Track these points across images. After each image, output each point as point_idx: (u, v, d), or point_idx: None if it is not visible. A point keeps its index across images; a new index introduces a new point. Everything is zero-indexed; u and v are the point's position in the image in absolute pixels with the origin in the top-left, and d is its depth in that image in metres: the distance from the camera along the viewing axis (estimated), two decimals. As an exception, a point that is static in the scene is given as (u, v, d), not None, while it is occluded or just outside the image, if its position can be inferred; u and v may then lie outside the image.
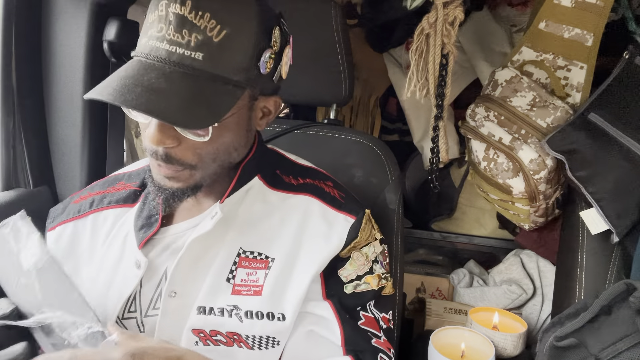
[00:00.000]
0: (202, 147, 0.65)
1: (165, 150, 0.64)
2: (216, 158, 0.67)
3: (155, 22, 0.61)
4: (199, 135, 0.63)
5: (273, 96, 0.72)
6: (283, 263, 0.71)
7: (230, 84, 0.62)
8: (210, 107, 0.60)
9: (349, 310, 0.72)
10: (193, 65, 0.60)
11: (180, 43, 0.59)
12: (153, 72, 0.59)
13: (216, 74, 0.61)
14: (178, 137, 0.63)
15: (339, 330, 0.70)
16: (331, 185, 0.80)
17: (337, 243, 0.72)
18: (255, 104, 0.69)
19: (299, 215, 0.74)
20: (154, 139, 0.62)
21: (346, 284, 0.73)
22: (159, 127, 0.62)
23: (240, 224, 0.73)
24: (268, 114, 0.73)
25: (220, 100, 0.61)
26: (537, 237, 1.30)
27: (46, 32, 1.01)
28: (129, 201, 0.80)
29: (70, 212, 0.81)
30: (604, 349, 0.70)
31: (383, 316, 0.75)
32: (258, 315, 0.68)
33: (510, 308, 1.29)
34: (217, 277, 0.70)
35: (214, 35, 0.59)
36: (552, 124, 1.00)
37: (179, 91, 0.59)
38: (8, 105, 0.97)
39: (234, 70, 0.62)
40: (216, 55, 0.60)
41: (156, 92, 0.58)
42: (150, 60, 0.61)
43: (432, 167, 1.09)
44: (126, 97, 0.57)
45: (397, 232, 0.98)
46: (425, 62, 0.95)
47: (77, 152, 1.04)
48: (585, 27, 1.01)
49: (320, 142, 1.04)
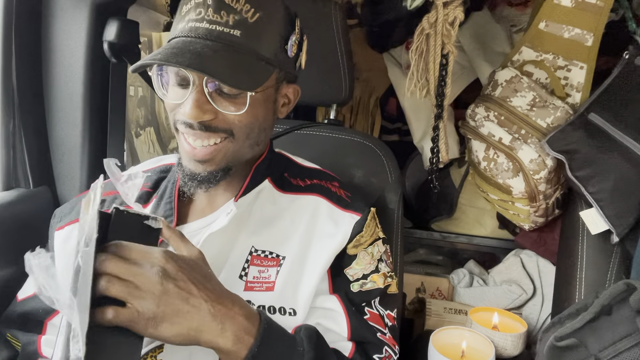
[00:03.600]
0: (240, 120, 0.68)
1: (202, 123, 0.66)
2: (250, 133, 0.70)
3: (193, 9, 0.66)
4: (236, 106, 0.67)
5: (293, 84, 0.77)
6: (294, 261, 0.73)
7: (264, 60, 0.68)
8: (251, 74, 0.65)
9: (355, 305, 0.74)
10: (232, 40, 0.65)
11: (219, 22, 0.65)
12: (198, 44, 0.64)
13: (252, 49, 0.66)
14: (214, 111, 0.66)
15: (346, 321, 0.72)
16: (337, 186, 0.82)
17: (342, 238, 0.74)
18: (280, 87, 0.74)
19: (307, 215, 0.77)
20: (192, 114, 0.65)
21: (352, 282, 0.74)
22: (195, 103, 0.65)
23: (252, 224, 0.75)
24: (288, 102, 0.78)
25: (256, 71, 0.66)
26: (537, 237, 1.30)
27: (46, 32, 1.01)
28: (140, 202, 0.80)
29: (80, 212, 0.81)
30: (604, 349, 0.70)
31: (388, 313, 0.77)
32: (271, 310, 0.69)
33: (510, 308, 1.29)
34: (230, 274, 0.71)
35: (249, 17, 0.66)
36: (552, 124, 1.00)
37: (223, 57, 0.63)
38: (8, 105, 0.97)
39: (267, 49, 0.68)
40: (252, 33, 0.66)
41: (204, 57, 0.62)
42: (191, 37, 0.65)
43: (432, 167, 1.09)
44: (178, 59, 0.61)
45: (397, 232, 0.98)
46: (425, 62, 0.95)
47: (77, 152, 1.04)
48: (585, 27, 1.01)
49: (320, 142, 1.04)
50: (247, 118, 0.68)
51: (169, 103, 0.70)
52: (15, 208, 0.95)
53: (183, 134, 0.69)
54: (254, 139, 0.72)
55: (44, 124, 1.05)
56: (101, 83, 1.06)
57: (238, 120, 0.68)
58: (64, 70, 1.02)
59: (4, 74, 0.95)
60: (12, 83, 0.97)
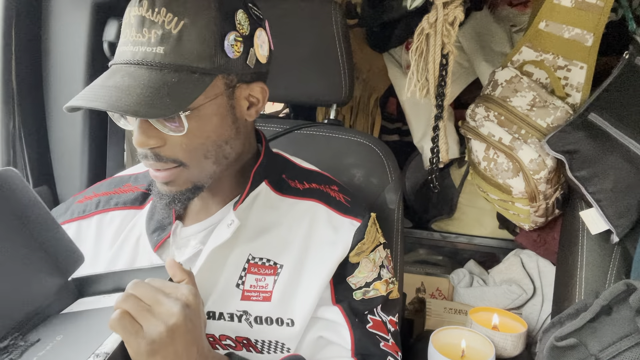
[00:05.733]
0: (188, 143, 0.64)
1: (152, 150, 0.64)
2: (207, 153, 0.67)
3: (122, 31, 0.64)
4: (176, 129, 0.63)
5: (257, 83, 0.70)
6: (292, 270, 0.71)
7: (197, 72, 0.62)
8: (175, 96, 0.60)
9: (358, 314, 0.73)
10: (155, 60, 0.61)
11: (142, 42, 0.61)
12: (119, 74, 0.61)
13: (180, 64, 0.61)
14: (162, 137, 0.64)
15: (349, 334, 0.71)
16: (337, 190, 0.80)
17: (343, 247, 0.72)
18: (235, 92, 0.68)
19: (306, 222, 0.75)
20: (138, 141, 0.63)
21: (355, 290, 0.73)
22: (140, 129, 0.63)
23: (249, 231, 0.73)
24: (256, 103, 0.71)
25: (185, 89, 0.61)
26: (537, 237, 1.30)
27: (46, 32, 1.01)
28: (136, 203, 0.80)
29: (75, 212, 0.81)
30: (604, 349, 0.70)
31: (390, 319, 0.76)
32: (267, 321, 0.69)
33: (510, 308, 1.29)
34: (227, 282, 0.70)
35: (172, 28, 0.61)
36: (552, 124, 1.00)
37: (142, 85, 0.59)
38: (8, 105, 0.97)
39: (198, 58, 0.62)
40: (177, 46, 0.61)
41: (120, 90, 0.59)
42: (118, 64, 0.63)
43: (432, 167, 1.09)
44: (90, 99, 0.59)
45: (397, 232, 0.98)
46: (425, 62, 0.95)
47: (77, 152, 1.04)
48: (585, 27, 1.01)
49: (320, 142, 1.04)
50: (194, 139, 0.64)
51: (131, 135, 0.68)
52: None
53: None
54: (214, 154, 0.68)
55: (44, 124, 1.05)
56: (101, 83, 1.06)
57: (185, 145, 0.64)
58: (64, 70, 1.02)
59: (4, 74, 0.95)
60: (12, 83, 0.97)
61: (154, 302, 0.53)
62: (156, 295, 0.53)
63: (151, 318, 0.51)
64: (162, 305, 0.53)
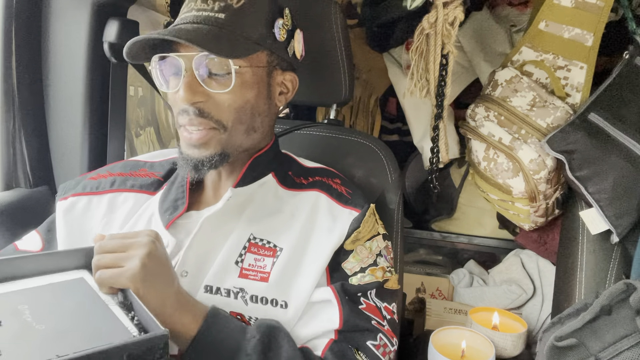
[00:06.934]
0: (230, 103, 0.71)
1: (195, 105, 0.70)
2: (242, 117, 0.73)
3: (186, 5, 0.73)
4: (223, 85, 0.70)
5: (289, 72, 0.79)
6: (291, 254, 0.73)
7: (250, 40, 0.71)
8: (233, 45, 0.69)
9: (349, 294, 0.73)
10: (217, 21, 0.70)
11: (206, 8, 0.71)
12: (183, 26, 0.69)
13: (237, 32, 0.70)
14: (206, 93, 0.70)
15: (338, 309, 0.71)
16: (339, 182, 0.83)
17: (339, 235, 0.74)
18: (273, 73, 0.76)
19: (307, 209, 0.78)
20: (185, 97, 0.69)
21: (351, 276, 0.74)
22: (187, 85, 0.69)
23: (253, 212, 0.77)
24: (286, 91, 0.80)
25: (240, 45, 0.70)
26: (537, 237, 1.30)
27: (46, 32, 1.01)
28: (151, 189, 0.83)
29: (87, 187, 0.83)
30: (604, 349, 0.70)
31: (385, 306, 0.76)
32: (262, 301, 0.70)
33: (510, 308, 1.29)
34: (227, 258, 0.72)
35: (234, 3, 0.71)
36: (552, 124, 1.00)
37: (206, 31, 0.69)
38: (8, 105, 0.97)
39: (252, 31, 0.72)
40: (236, 17, 0.71)
41: (188, 31, 0.68)
42: (179, 25, 0.71)
43: (432, 167, 1.09)
44: (163, 33, 0.67)
45: (397, 232, 0.98)
46: (426, 62, 0.95)
47: (77, 152, 1.04)
48: (585, 27, 1.01)
49: (320, 142, 1.04)
50: (236, 100, 0.71)
51: (171, 98, 0.73)
52: (15, 208, 0.95)
53: (182, 126, 0.72)
54: (248, 123, 0.74)
55: (44, 124, 1.05)
56: (101, 83, 1.06)
57: (228, 104, 0.71)
58: (64, 71, 1.02)
59: (4, 74, 0.96)
60: (12, 83, 0.97)
61: (123, 247, 0.60)
62: (122, 241, 0.60)
63: (127, 258, 0.59)
64: (131, 245, 0.60)
